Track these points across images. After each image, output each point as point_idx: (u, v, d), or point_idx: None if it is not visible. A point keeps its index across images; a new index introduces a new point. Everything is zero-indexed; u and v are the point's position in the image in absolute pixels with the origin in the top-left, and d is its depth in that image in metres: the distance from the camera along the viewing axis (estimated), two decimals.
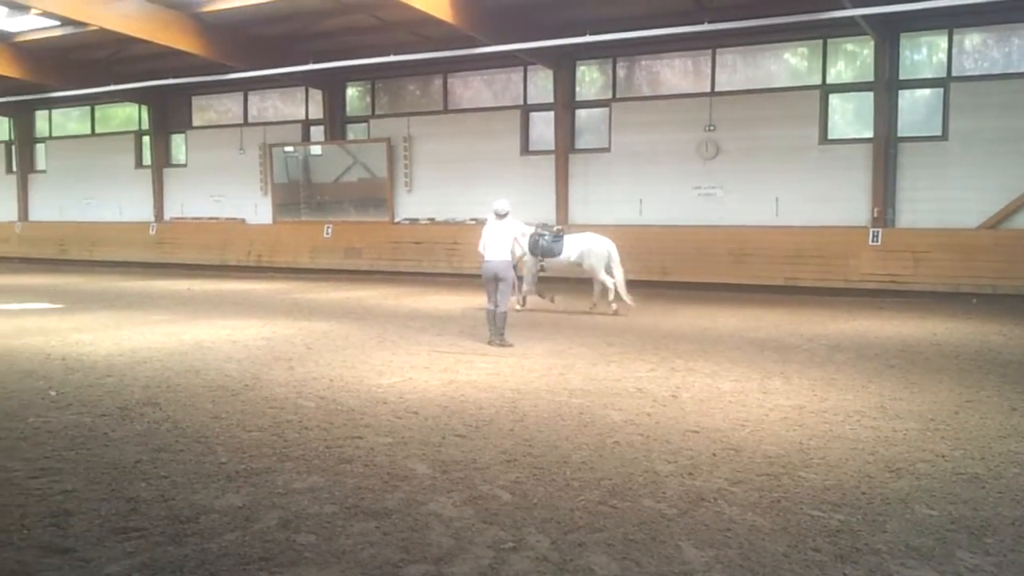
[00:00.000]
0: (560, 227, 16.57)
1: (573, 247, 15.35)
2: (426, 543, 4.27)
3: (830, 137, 19.57)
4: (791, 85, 19.99)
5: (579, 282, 16.50)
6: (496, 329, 11.20)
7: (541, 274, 15.60)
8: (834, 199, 19.21)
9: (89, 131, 30.85)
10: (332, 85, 25.11)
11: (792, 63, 20.41)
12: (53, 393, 7.74)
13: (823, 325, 13.67)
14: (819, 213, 19.29)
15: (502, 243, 11.30)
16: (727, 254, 19.81)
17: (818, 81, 19.67)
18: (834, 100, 19.77)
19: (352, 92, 25.97)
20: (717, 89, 20.54)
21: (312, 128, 26.35)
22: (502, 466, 5.61)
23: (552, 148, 22.24)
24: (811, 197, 19.43)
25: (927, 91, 19.00)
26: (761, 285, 19.17)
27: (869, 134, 18.94)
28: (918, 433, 6.61)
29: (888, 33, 18.42)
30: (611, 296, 14.81)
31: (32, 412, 6.96)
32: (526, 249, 13.70)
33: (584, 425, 6.75)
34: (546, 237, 15.32)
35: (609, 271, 15.05)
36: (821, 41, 19.48)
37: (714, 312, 15.42)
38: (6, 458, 5.63)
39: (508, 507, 4.81)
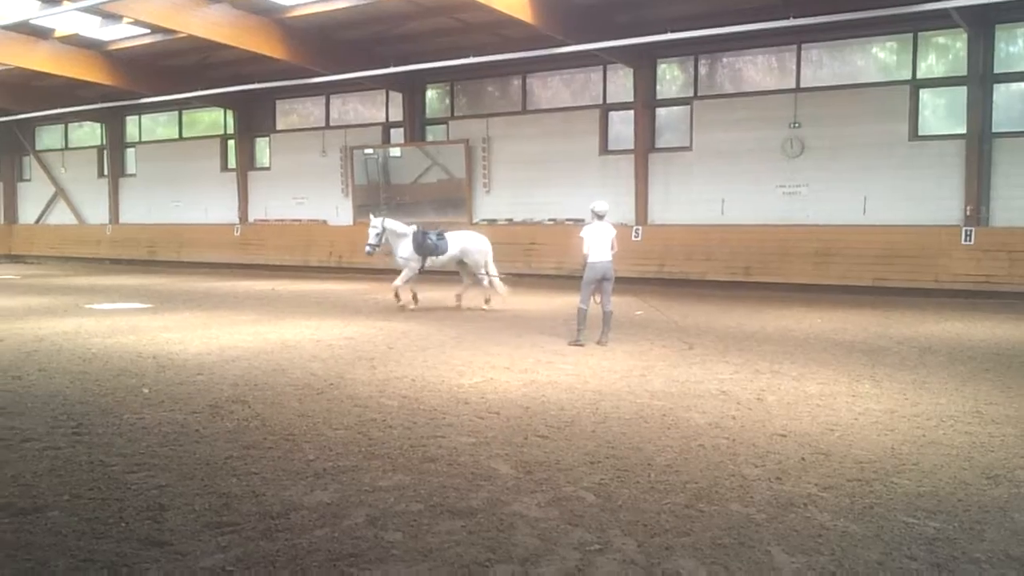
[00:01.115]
0: (441, 227, 16.97)
1: (456, 244, 15.91)
2: (512, 543, 4.26)
3: (921, 133, 19.01)
4: (879, 80, 19.50)
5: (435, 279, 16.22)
6: (606, 327, 11.27)
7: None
8: (925, 197, 18.65)
9: (177, 135, 31.77)
10: (412, 87, 25.37)
11: (880, 58, 19.90)
12: (146, 391, 7.96)
13: (913, 327, 13.28)
14: (909, 211, 18.76)
15: (605, 243, 11.26)
16: (812, 254, 19.40)
17: (908, 76, 19.13)
18: (925, 95, 19.20)
19: (432, 94, 26.20)
20: (802, 85, 20.14)
21: (392, 130, 26.67)
22: (586, 467, 5.57)
23: (631, 147, 22.09)
24: (901, 195, 18.91)
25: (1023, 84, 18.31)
26: (848, 286, 18.73)
27: (962, 130, 18.35)
28: (1016, 438, 6.36)
29: (982, 25, 17.80)
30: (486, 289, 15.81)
31: (127, 409, 7.17)
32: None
33: (667, 427, 6.67)
34: (431, 236, 15.67)
35: (485, 267, 15.91)
36: (911, 35, 18.94)
37: (799, 313, 15.12)
38: (104, 453, 5.81)
39: (593, 509, 4.77)
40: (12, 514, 4.63)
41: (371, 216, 16.54)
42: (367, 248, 15.90)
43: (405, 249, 15.71)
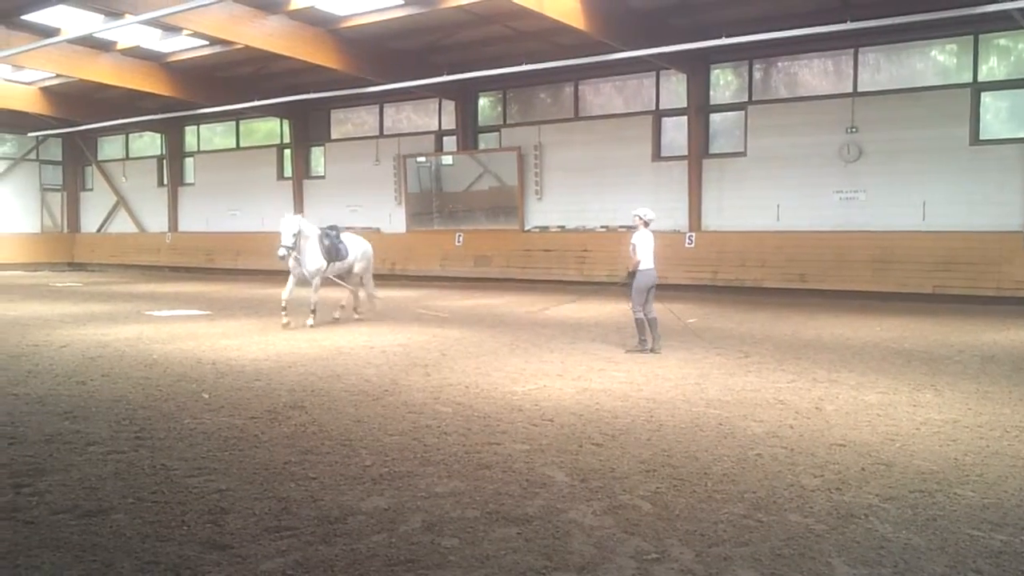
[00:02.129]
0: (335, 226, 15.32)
1: (356, 249, 14.71)
2: (568, 551, 4.25)
3: (982, 137, 18.59)
4: (939, 84, 19.12)
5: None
6: (657, 335, 11.29)
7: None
8: (986, 202, 18.23)
9: (234, 145, 32.31)
10: (464, 95, 25.50)
11: (940, 60, 19.52)
12: (206, 396, 8.10)
13: (975, 335, 12.99)
14: (970, 217, 18.34)
15: (651, 251, 11.24)
16: (870, 260, 19.08)
17: (968, 79, 18.74)
18: (986, 98, 18.78)
19: (484, 102, 26.30)
20: (860, 89, 19.84)
21: (444, 138, 26.83)
22: (641, 476, 5.54)
23: (685, 154, 21.94)
24: (961, 200, 18.51)
25: None
26: (907, 293, 18.38)
27: None
28: None
29: None
30: (363, 300, 15.01)
31: (187, 414, 7.31)
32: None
33: (724, 436, 6.61)
34: (337, 239, 14.33)
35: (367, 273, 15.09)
36: (972, 37, 18.55)
37: (856, 321, 14.87)
38: (165, 457, 5.92)
39: (649, 517, 4.74)
40: (78, 516, 4.75)
41: (285, 214, 14.95)
42: (280, 251, 13.69)
43: (314, 257, 13.93)
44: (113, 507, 4.89)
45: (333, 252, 14.11)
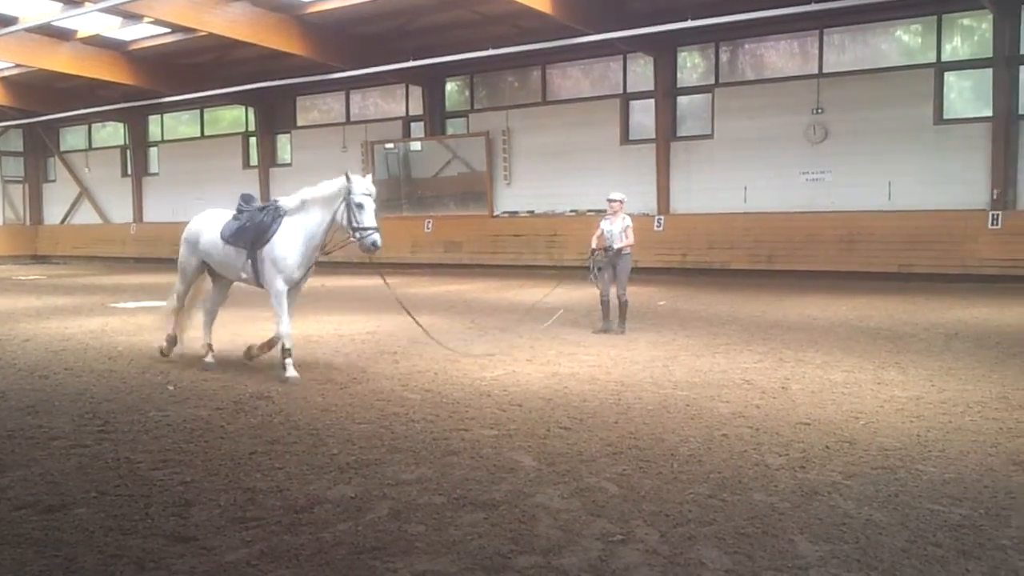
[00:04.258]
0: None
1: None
2: (534, 535, 4.26)
3: (946, 117, 18.81)
4: (903, 64, 19.32)
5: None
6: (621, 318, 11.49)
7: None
8: (951, 181, 18.45)
9: (199, 134, 32.00)
10: (431, 81, 25.39)
11: (904, 41, 19.70)
12: (171, 388, 8.03)
13: (940, 313, 13.15)
14: (935, 196, 18.57)
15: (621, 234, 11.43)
16: (837, 241, 19.27)
17: (932, 59, 18.93)
18: (950, 78, 18.99)
19: (451, 87, 26.21)
20: (825, 70, 19.99)
21: (412, 124, 26.72)
22: (608, 459, 5.56)
23: (653, 137, 22.01)
24: (926, 180, 18.72)
25: None
26: (873, 272, 18.59)
27: (988, 112, 18.15)
28: None
29: (1007, 6, 17.59)
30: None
31: (152, 406, 7.23)
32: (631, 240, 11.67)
33: (691, 418, 6.65)
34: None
35: None
36: (935, 17, 18.74)
37: (823, 301, 15.01)
38: (129, 450, 5.86)
39: (615, 500, 4.76)
40: (40, 511, 4.68)
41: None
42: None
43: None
44: (76, 501, 4.83)
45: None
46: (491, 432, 6.26)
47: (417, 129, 26.57)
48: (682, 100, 22.24)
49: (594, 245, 11.61)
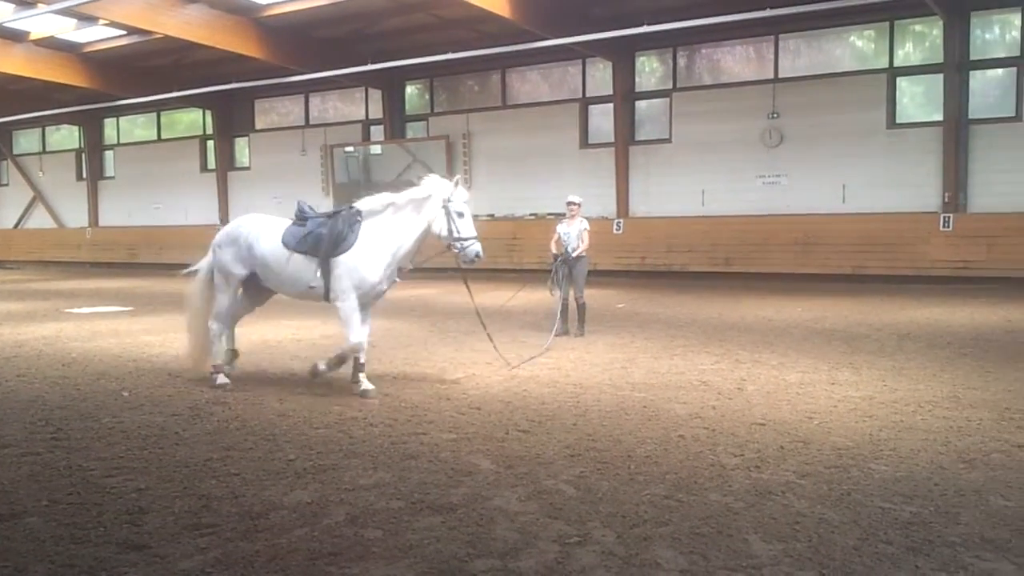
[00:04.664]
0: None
1: None
2: (491, 538, 4.27)
3: (898, 121, 19.15)
4: (857, 69, 19.64)
5: None
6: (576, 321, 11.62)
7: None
8: (903, 184, 18.77)
9: (155, 137, 31.64)
10: (391, 84, 25.33)
11: (858, 46, 20.02)
12: (126, 394, 7.92)
13: (892, 314, 13.37)
14: (888, 199, 18.89)
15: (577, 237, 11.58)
16: (793, 243, 19.51)
17: (885, 64, 19.27)
18: (902, 83, 19.34)
19: (411, 91, 26.17)
20: (780, 75, 20.25)
21: (372, 128, 26.64)
22: (566, 461, 5.58)
23: (612, 140, 22.13)
24: (879, 183, 19.03)
25: (1000, 71, 18.51)
26: (828, 274, 18.85)
27: (939, 117, 18.50)
28: (992, 423, 6.42)
29: (957, 12, 17.94)
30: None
31: (106, 413, 7.14)
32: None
33: (648, 419, 6.70)
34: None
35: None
36: (887, 23, 19.08)
37: (779, 303, 15.19)
38: (82, 458, 5.78)
39: (573, 502, 4.79)
40: None
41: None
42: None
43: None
44: (27, 511, 4.76)
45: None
46: (450, 436, 6.26)
47: (377, 132, 26.49)
48: (640, 104, 22.40)
49: (553, 250, 11.67)
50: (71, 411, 7.22)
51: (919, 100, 19.52)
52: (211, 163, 30.09)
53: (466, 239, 7.91)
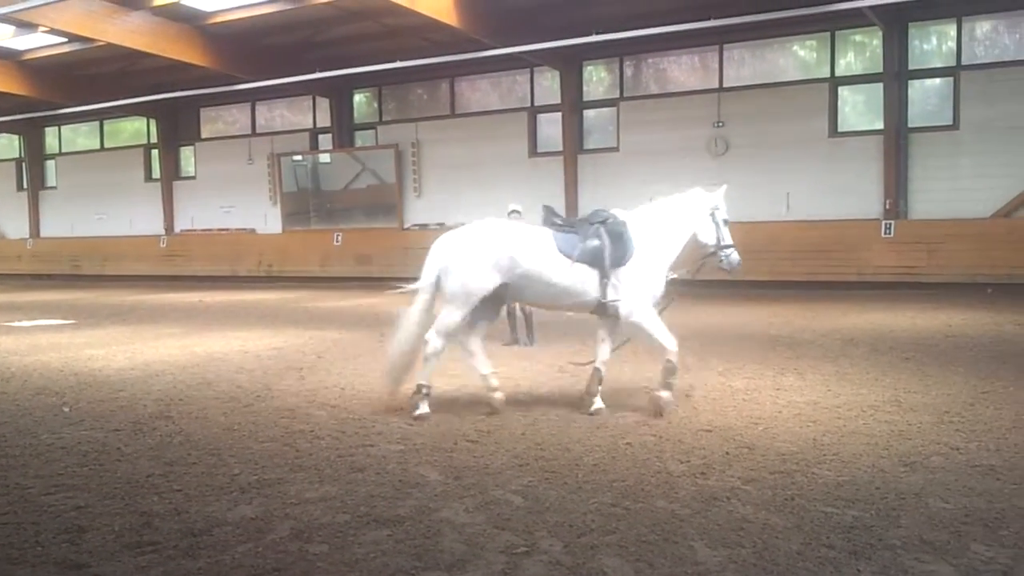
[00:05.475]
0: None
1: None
2: (438, 550, 4.25)
3: (840, 130, 19.51)
4: (800, 78, 19.98)
5: None
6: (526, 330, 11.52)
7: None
8: (846, 192, 19.13)
9: (98, 146, 31.11)
10: (339, 93, 25.20)
11: (800, 56, 20.37)
12: (66, 409, 7.75)
13: (836, 320, 13.59)
14: (831, 207, 19.23)
15: None
16: (739, 251, 19.68)
17: (827, 74, 19.63)
18: (843, 92, 19.72)
19: (359, 99, 26.06)
20: (725, 85, 20.52)
21: (320, 136, 26.47)
22: (514, 471, 5.58)
23: (560, 149, 22.22)
24: (822, 191, 19.36)
25: (937, 80, 18.95)
26: (773, 281, 19.09)
27: (879, 125, 18.88)
28: (932, 426, 6.55)
29: (896, 23, 18.35)
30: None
31: (45, 429, 6.97)
32: None
33: (596, 427, 6.72)
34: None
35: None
36: (829, 33, 19.45)
37: (725, 309, 15.37)
38: (20, 475, 5.64)
39: (520, 512, 4.78)
40: None
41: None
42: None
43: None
44: None
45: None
46: (398, 447, 6.22)
47: (325, 141, 26.33)
48: (588, 113, 22.55)
49: None
50: (9, 427, 7.04)
51: (860, 109, 19.92)
52: (156, 172, 29.65)
53: (731, 247, 7.87)
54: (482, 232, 7.58)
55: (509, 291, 7.47)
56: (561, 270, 7.27)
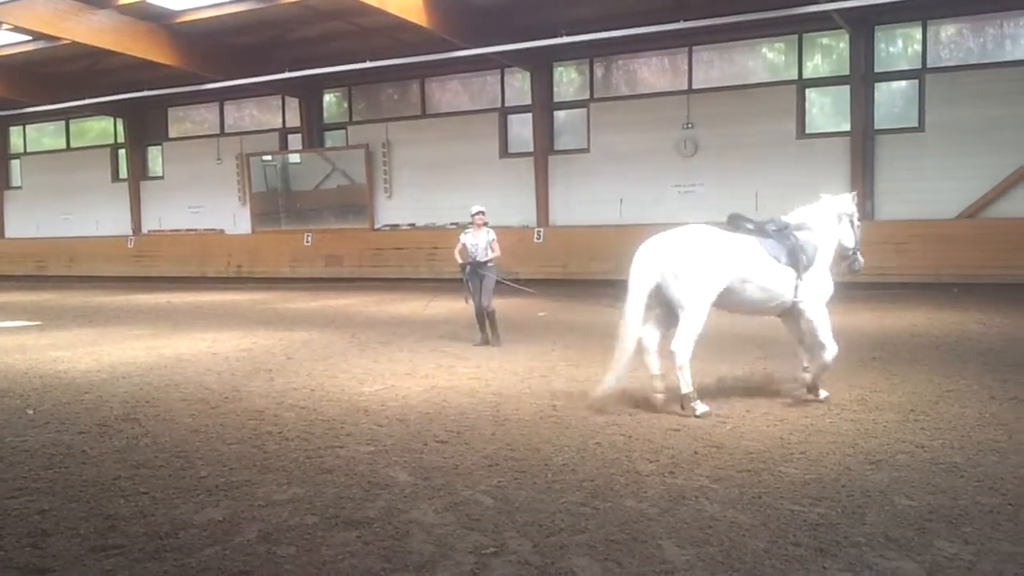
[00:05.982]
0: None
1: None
2: (407, 551, 4.24)
3: (808, 131, 19.69)
4: (768, 80, 20.13)
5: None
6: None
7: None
8: (814, 193, 19.14)
9: (64, 146, 30.71)
10: (309, 92, 25.07)
11: (769, 58, 20.53)
12: (31, 412, 7.66)
13: None
14: (799, 206, 19.31)
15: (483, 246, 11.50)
16: None
17: (794, 76, 19.80)
18: (811, 94, 19.91)
19: (329, 99, 25.94)
20: (694, 87, 20.64)
21: (290, 136, 26.31)
22: (484, 471, 5.58)
23: (531, 150, 22.25)
24: (790, 192, 19.29)
25: (903, 83, 19.18)
26: None
27: (846, 127, 19.07)
28: (898, 424, 6.63)
29: (863, 26, 18.55)
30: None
31: (9, 432, 6.88)
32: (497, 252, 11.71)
33: (566, 428, 6.74)
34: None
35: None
36: (796, 36, 19.62)
37: None
38: None
39: (490, 512, 4.79)
40: None
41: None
42: None
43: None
44: None
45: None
46: (367, 448, 6.20)
47: (295, 141, 26.17)
48: (559, 114, 22.59)
49: (459, 260, 11.72)
50: None
51: (827, 111, 20.12)
52: (123, 172, 29.34)
53: (857, 250, 8.38)
54: (704, 237, 7.80)
55: (723, 295, 7.59)
56: (773, 273, 7.63)
